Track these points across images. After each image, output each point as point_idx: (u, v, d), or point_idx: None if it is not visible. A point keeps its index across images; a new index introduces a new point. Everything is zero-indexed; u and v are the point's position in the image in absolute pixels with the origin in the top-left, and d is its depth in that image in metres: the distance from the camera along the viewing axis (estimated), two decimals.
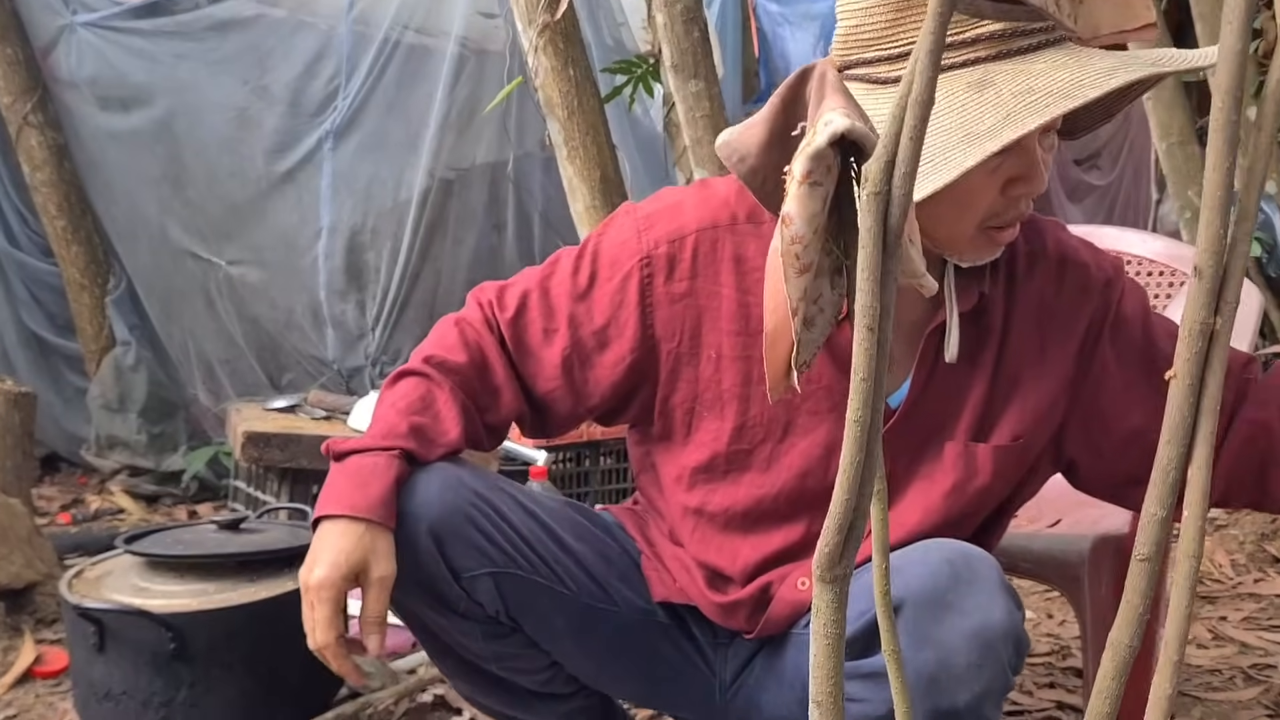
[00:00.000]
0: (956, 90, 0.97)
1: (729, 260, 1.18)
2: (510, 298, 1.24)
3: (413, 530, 1.16)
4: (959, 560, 1.06)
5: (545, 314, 1.22)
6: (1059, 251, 1.23)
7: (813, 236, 0.70)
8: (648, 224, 1.20)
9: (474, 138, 3.64)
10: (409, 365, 1.22)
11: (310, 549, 1.13)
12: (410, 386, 1.20)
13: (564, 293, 1.22)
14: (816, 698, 0.69)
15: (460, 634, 1.25)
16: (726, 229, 1.19)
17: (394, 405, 1.18)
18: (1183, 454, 0.60)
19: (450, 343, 1.23)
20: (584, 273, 1.22)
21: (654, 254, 1.19)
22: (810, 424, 1.19)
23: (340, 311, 3.50)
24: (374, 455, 1.14)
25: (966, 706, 1.05)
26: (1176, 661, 0.62)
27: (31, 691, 1.95)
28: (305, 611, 1.14)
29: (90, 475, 3.66)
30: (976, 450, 1.19)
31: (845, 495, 0.65)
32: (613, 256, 1.21)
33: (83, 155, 3.62)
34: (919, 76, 0.59)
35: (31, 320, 3.74)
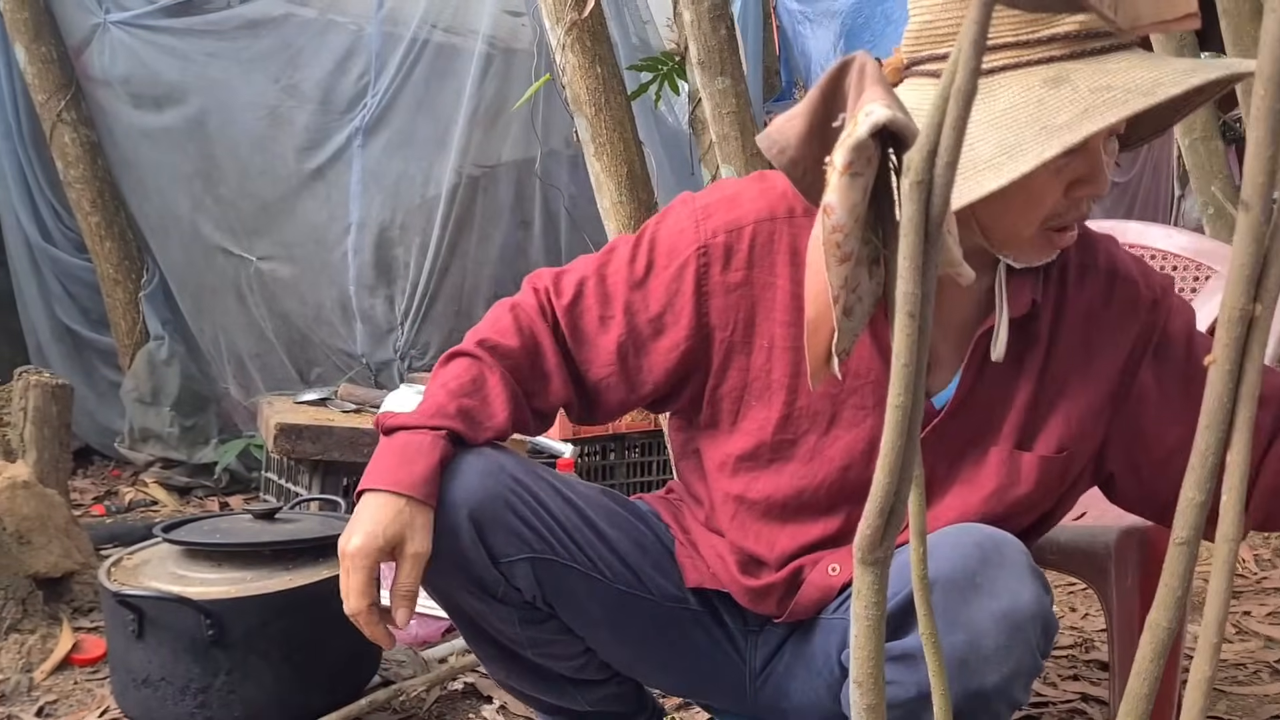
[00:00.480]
0: (1032, 85, 0.98)
1: (785, 251, 1.19)
2: (567, 284, 1.25)
3: (454, 515, 1.18)
4: (988, 544, 1.07)
5: (601, 301, 1.23)
6: (1110, 265, 1.23)
7: (853, 226, 0.71)
8: (705, 214, 1.21)
9: (501, 135, 3.67)
10: (462, 347, 1.24)
11: (352, 518, 1.15)
12: (462, 368, 1.21)
13: (621, 280, 1.23)
14: (857, 678, 0.70)
15: (497, 619, 1.27)
16: (784, 220, 1.20)
17: (445, 386, 1.20)
18: (1221, 439, 0.61)
19: (504, 327, 1.24)
20: (641, 260, 1.23)
21: (711, 243, 1.20)
22: (855, 418, 1.20)
23: (369, 306, 3.53)
24: (421, 434, 1.16)
25: (995, 688, 1.06)
26: (1215, 644, 0.62)
27: (70, 678, 1.98)
28: (342, 578, 1.17)
29: (123, 468, 3.71)
30: (1021, 458, 1.20)
31: (886, 479, 0.66)
32: (670, 245, 1.22)
33: (116, 152, 3.67)
34: (962, 67, 0.60)
35: (66, 315, 3.79)
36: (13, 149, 3.70)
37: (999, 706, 1.09)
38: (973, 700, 1.06)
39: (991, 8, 0.61)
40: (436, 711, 1.85)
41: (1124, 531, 1.55)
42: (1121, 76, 0.95)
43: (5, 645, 1.99)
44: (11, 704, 1.87)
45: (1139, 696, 0.66)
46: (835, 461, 1.20)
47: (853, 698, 0.70)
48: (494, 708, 1.87)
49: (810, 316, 0.74)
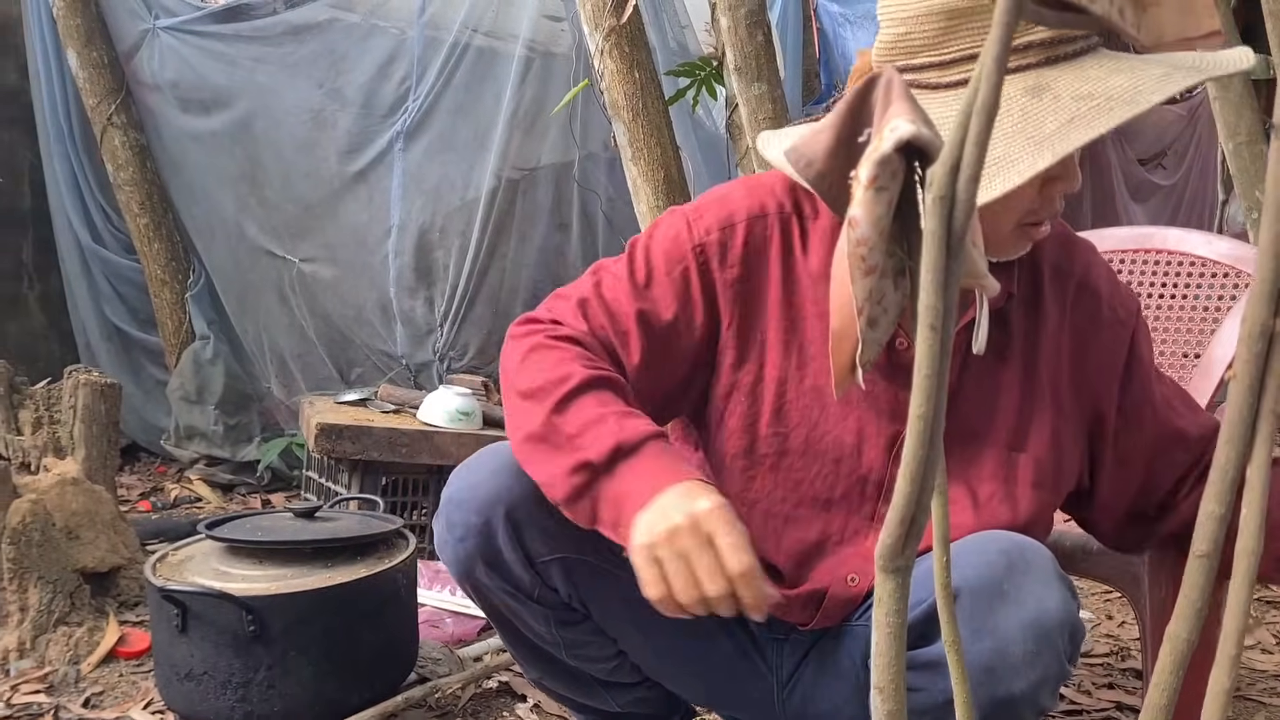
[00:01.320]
0: (1014, 95, 0.99)
1: (777, 247, 1.21)
2: (566, 312, 1.21)
3: (491, 514, 1.19)
4: (1014, 551, 1.08)
5: (611, 319, 1.21)
6: (1084, 275, 1.26)
7: (878, 239, 0.72)
8: (696, 214, 1.22)
9: (540, 138, 3.69)
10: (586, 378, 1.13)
11: (646, 517, 1.04)
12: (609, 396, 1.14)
13: (624, 294, 1.21)
14: (878, 684, 0.71)
15: (533, 620, 1.29)
16: (775, 217, 1.22)
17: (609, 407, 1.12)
18: (1242, 454, 0.61)
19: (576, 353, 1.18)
20: (640, 271, 1.22)
21: (706, 241, 1.21)
22: (841, 412, 1.21)
23: (409, 308, 3.57)
24: (650, 449, 1.08)
25: (1023, 695, 1.06)
26: (1234, 656, 0.63)
27: (115, 671, 2.02)
28: (696, 552, 1.01)
29: (169, 464, 3.78)
30: (1017, 460, 1.21)
31: (908, 487, 0.67)
32: (666, 250, 1.22)
33: (164, 155, 3.74)
34: (984, 83, 0.61)
35: (114, 315, 3.87)
36: (65, 152, 3.79)
37: (1026, 714, 1.09)
38: (1000, 708, 1.07)
39: (1015, 25, 0.62)
40: (471, 709, 1.88)
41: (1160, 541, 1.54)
42: (1102, 84, 0.96)
43: (53, 637, 2.04)
44: (59, 694, 1.92)
45: (1157, 708, 0.66)
46: (827, 455, 1.21)
47: (874, 704, 0.71)
48: (528, 706, 1.89)
49: (835, 327, 0.76)
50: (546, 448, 1.11)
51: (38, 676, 1.96)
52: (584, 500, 1.09)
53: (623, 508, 1.06)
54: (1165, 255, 1.89)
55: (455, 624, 2.20)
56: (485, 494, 1.20)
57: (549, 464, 1.11)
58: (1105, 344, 1.25)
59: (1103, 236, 1.98)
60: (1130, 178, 5.33)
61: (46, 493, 2.12)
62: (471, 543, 1.22)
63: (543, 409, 1.11)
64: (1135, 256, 1.92)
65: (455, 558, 1.25)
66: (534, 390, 1.13)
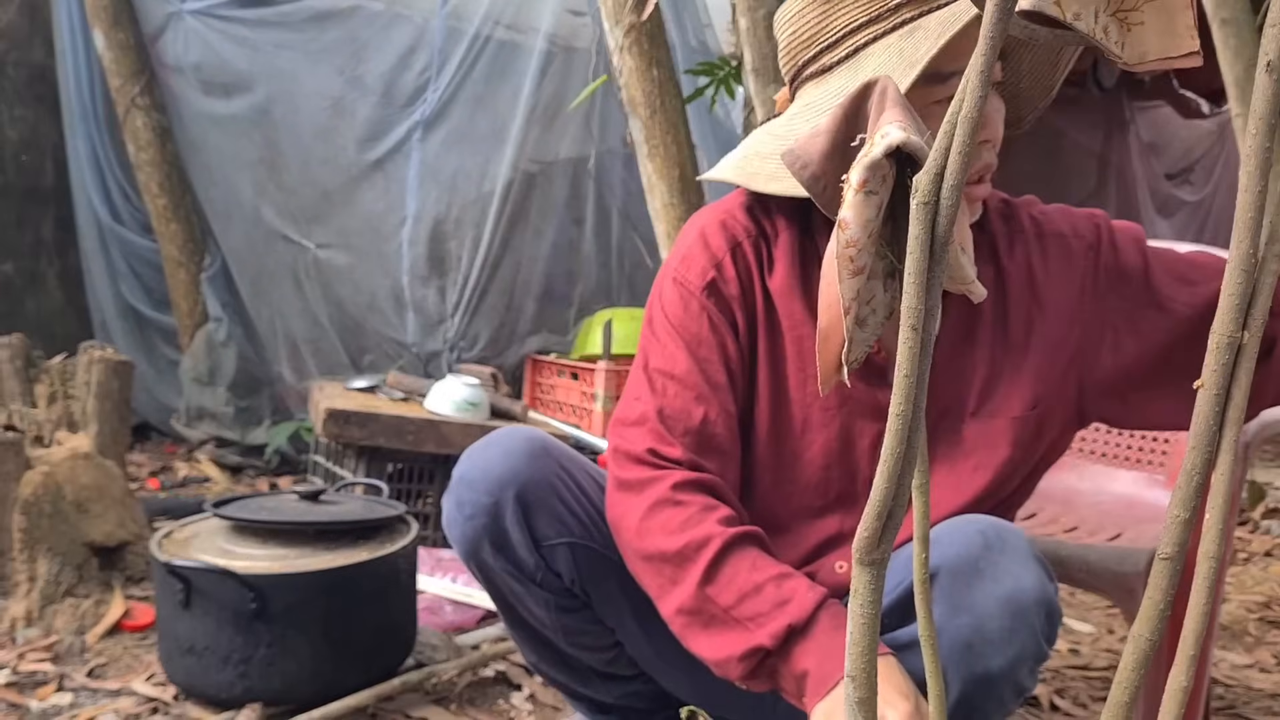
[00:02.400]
0: (891, 43, 1.07)
1: (754, 271, 1.24)
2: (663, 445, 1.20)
3: (501, 494, 1.22)
4: (990, 531, 1.10)
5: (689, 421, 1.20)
6: (1036, 226, 1.26)
7: (867, 241, 0.74)
8: (684, 265, 1.24)
9: (558, 133, 3.71)
10: (726, 540, 1.13)
11: (824, 706, 1.05)
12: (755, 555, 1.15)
13: (683, 388, 1.21)
14: (851, 672, 0.73)
15: (534, 603, 1.31)
16: (747, 243, 1.24)
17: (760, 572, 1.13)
18: (1207, 460, 0.63)
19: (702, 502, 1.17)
20: (678, 352, 1.22)
21: (705, 283, 1.23)
22: (824, 419, 1.23)
23: (422, 297, 3.59)
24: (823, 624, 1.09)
25: (1001, 672, 1.08)
26: (1193, 656, 0.65)
27: (120, 643, 2.06)
28: None
29: (178, 444, 3.83)
30: (993, 424, 1.22)
31: (885, 484, 0.69)
32: (683, 312, 1.23)
33: (185, 137, 3.78)
34: (969, 95, 0.63)
35: (130, 293, 3.91)
36: (88, 131, 3.83)
37: (1005, 691, 1.11)
38: (979, 684, 1.09)
39: (1001, 41, 0.64)
40: (467, 696, 1.91)
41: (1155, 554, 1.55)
42: (963, 7, 1.02)
43: (60, 608, 2.08)
44: (64, 664, 1.96)
45: (1119, 704, 0.68)
46: (816, 463, 1.24)
47: (846, 692, 0.74)
48: (523, 695, 1.92)
49: (822, 325, 0.78)
50: (703, 622, 1.12)
51: (44, 645, 2.00)
52: (760, 678, 1.11)
53: (803, 686, 1.08)
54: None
55: (454, 612, 2.23)
56: (497, 475, 1.22)
57: (715, 644, 1.12)
58: (1082, 269, 1.24)
59: None
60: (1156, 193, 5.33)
61: (58, 466, 2.16)
62: (480, 522, 1.25)
63: (690, 578, 1.12)
64: None
65: (463, 535, 1.28)
66: (673, 555, 1.13)
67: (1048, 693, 2.00)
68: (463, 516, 1.26)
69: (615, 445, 1.23)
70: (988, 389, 1.22)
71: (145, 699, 1.84)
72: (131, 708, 1.81)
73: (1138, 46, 0.65)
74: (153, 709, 1.81)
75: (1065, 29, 0.66)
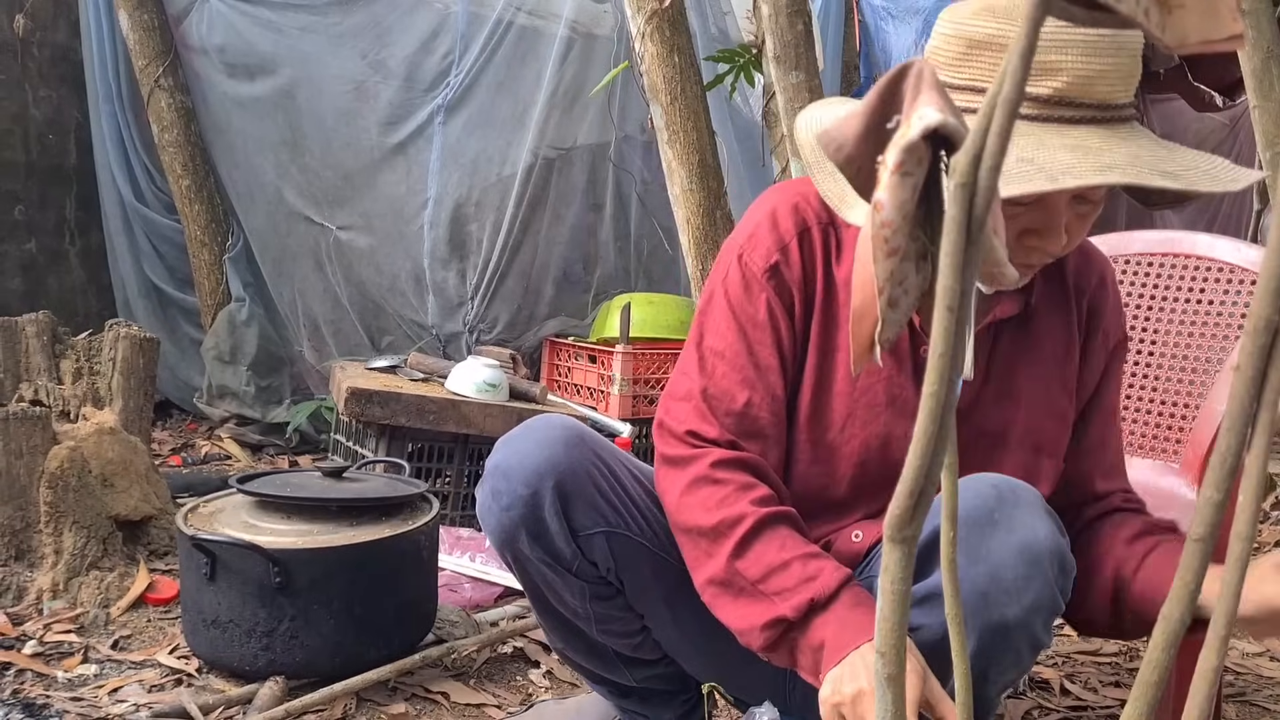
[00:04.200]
0: (1034, 131, 1.01)
1: (820, 259, 1.24)
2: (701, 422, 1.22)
3: (540, 485, 1.22)
4: (1004, 486, 1.12)
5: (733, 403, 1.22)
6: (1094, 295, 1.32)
7: (901, 222, 0.75)
8: (750, 244, 1.25)
9: (578, 118, 3.71)
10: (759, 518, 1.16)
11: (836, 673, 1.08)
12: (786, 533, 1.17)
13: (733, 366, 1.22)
14: (881, 649, 0.74)
15: (567, 592, 1.32)
16: (816, 229, 1.25)
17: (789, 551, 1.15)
18: (1241, 441, 0.64)
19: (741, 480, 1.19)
20: (731, 331, 1.23)
21: (769, 266, 1.23)
22: (868, 415, 1.24)
23: (442, 279, 3.61)
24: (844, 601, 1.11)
25: (1016, 620, 1.09)
26: (1224, 637, 0.65)
27: (144, 616, 2.09)
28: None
29: (200, 422, 3.86)
30: (1040, 464, 1.26)
31: (918, 461, 0.70)
32: (742, 292, 1.23)
33: (209, 119, 3.80)
34: (1009, 77, 0.64)
35: (153, 273, 3.94)
36: (112, 111, 3.86)
37: (1020, 641, 1.12)
38: (994, 634, 1.10)
39: (1042, 19, 0.64)
40: (486, 672, 1.93)
41: None
42: (1049, 154, 0.98)
43: (85, 581, 2.10)
44: (89, 635, 1.98)
45: (1148, 684, 0.69)
46: (854, 458, 1.25)
47: (876, 667, 0.74)
48: (541, 672, 1.94)
49: (855, 305, 0.79)
50: (732, 594, 1.16)
51: (69, 617, 2.02)
52: (781, 650, 1.14)
53: (820, 658, 1.10)
54: (1194, 260, 1.90)
55: (473, 589, 2.25)
56: (534, 464, 1.22)
57: (740, 614, 1.15)
58: (1091, 366, 1.31)
59: (1130, 240, 1.99)
60: None
61: (84, 441, 2.18)
62: (517, 512, 1.24)
63: (722, 552, 1.15)
64: (1163, 260, 1.92)
65: (499, 526, 1.26)
66: (708, 530, 1.16)
67: (1058, 677, 2.01)
68: (499, 507, 1.25)
69: (661, 419, 1.25)
70: (1041, 424, 1.26)
71: (169, 671, 1.86)
72: (156, 679, 1.83)
73: (1178, 29, 0.65)
74: (177, 680, 1.84)
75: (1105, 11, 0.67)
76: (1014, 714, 1.84)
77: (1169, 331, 1.89)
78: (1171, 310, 1.89)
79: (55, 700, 1.71)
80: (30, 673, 1.82)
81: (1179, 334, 1.88)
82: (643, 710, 1.52)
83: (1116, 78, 1.02)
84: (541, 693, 1.86)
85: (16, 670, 1.83)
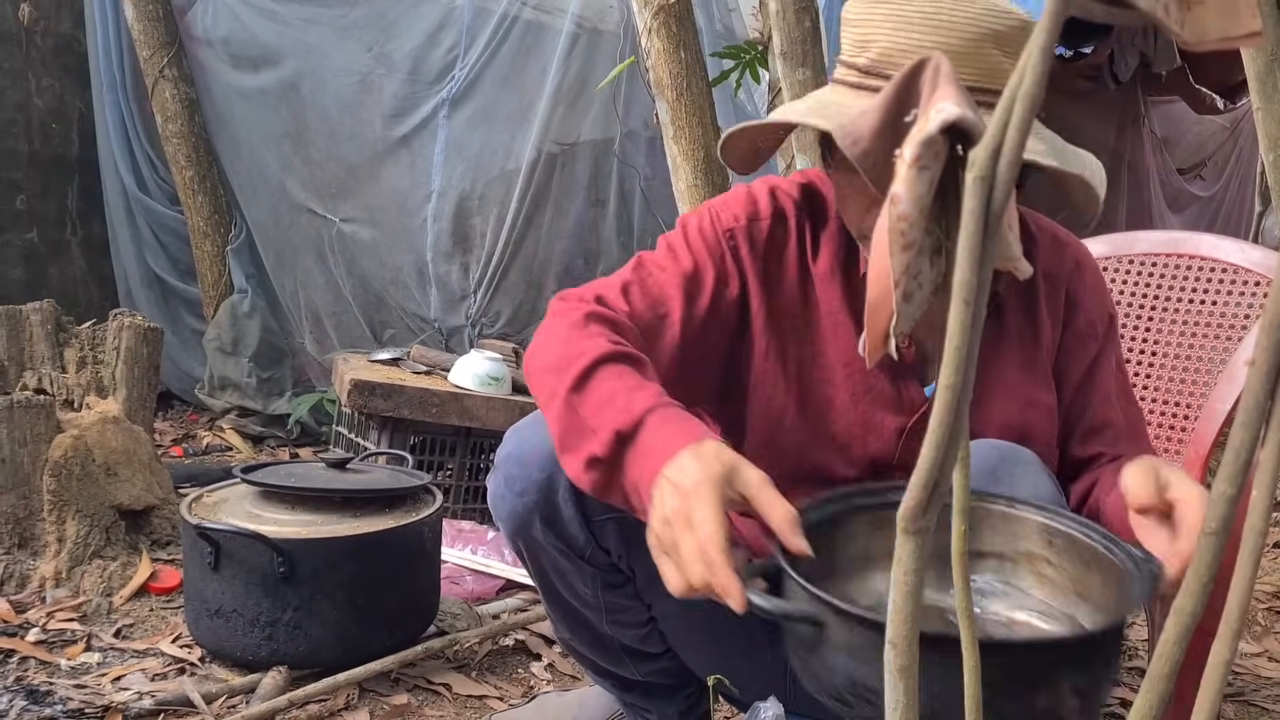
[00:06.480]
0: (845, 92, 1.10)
1: (794, 248, 1.25)
2: (610, 294, 1.20)
3: (554, 469, 1.19)
4: (1004, 446, 1.14)
5: (653, 302, 1.21)
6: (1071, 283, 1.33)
7: (918, 216, 0.75)
8: (723, 205, 1.27)
9: (582, 113, 3.71)
10: (601, 354, 1.07)
11: (651, 511, 0.96)
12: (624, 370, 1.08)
13: (666, 278, 1.22)
14: (892, 639, 0.74)
15: (579, 580, 1.31)
16: (794, 219, 1.26)
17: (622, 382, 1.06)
18: (1255, 437, 0.64)
19: (601, 330, 1.15)
20: (683, 257, 1.23)
21: (735, 227, 1.25)
22: (849, 404, 1.25)
23: (445, 273, 3.61)
24: (647, 428, 1.00)
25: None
26: (1236, 630, 0.66)
27: (146, 605, 2.09)
28: (680, 541, 0.93)
29: (201, 413, 3.86)
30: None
31: (933, 453, 0.70)
32: (702, 237, 1.25)
33: (212, 110, 3.80)
34: (1029, 71, 0.64)
35: (156, 263, 3.94)
36: (116, 101, 3.85)
37: None
38: None
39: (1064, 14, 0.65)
40: (488, 664, 1.93)
41: None
42: (835, 109, 1.05)
43: (88, 569, 2.11)
44: (92, 624, 1.99)
45: (1160, 676, 0.69)
46: (835, 442, 1.25)
47: (887, 658, 0.75)
48: (542, 664, 1.94)
49: (871, 298, 0.79)
50: (573, 437, 1.04)
51: (72, 605, 2.03)
52: (615, 497, 1.03)
53: (642, 498, 0.98)
54: (1197, 261, 1.90)
55: (475, 582, 2.26)
56: (548, 450, 1.17)
57: (573, 459, 1.04)
58: (1075, 354, 1.31)
59: (1135, 240, 1.99)
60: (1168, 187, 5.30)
61: (88, 429, 2.18)
62: (531, 499, 1.23)
63: (562, 387, 1.05)
64: (1167, 261, 1.93)
65: (512, 512, 1.25)
66: (553, 365, 1.08)
67: None
68: (513, 493, 1.24)
69: (565, 292, 1.22)
70: (1017, 413, 1.26)
71: (172, 659, 1.87)
72: (159, 668, 1.84)
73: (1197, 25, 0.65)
74: (179, 669, 1.84)
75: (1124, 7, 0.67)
76: None
77: (1171, 332, 1.90)
78: (1174, 310, 1.90)
79: (59, 688, 1.72)
80: (33, 660, 1.83)
81: (1182, 334, 1.89)
82: (645, 704, 1.53)
83: (925, 53, 1.01)
84: (543, 685, 1.87)
85: (20, 658, 1.83)
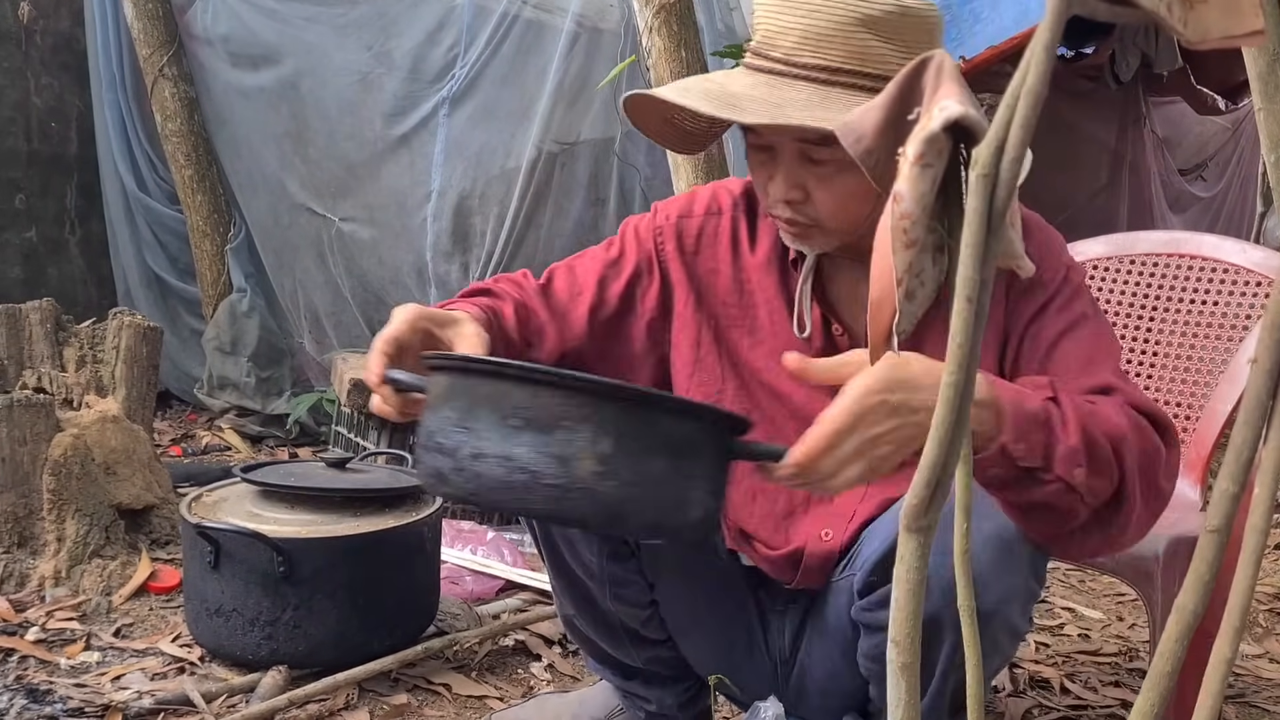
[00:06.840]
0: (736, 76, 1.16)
1: (727, 240, 1.32)
2: (543, 275, 1.36)
3: None
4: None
5: (572, 281, 1.33)
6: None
7: (920, 214, 0.75)
8: (666, 205, 1.37)
9: (582, 112, 3.71)
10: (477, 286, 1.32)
11: None
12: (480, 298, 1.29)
13: (592, 265, 1.34)
14: (895, 637, 0.74)
15: (587, 550, 1.34)
16: (728, 213, 1.33)
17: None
18: (1257, 435, 0.64)
19: (501, 288, 1.33)
20: (615, 249, 1.36)
21: (664, 225, 1.34)
22: (789, 388, 1.27)
23: (444, 272, 3.61)
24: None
25: (991, 610, 1.08)
26: (1238, 628, 0.66)
27: (146, 604, 2.08)
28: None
29: (200, 413, 3.86)
30: None
31: (936, 451, 0.70)
32: (636, 233, 1.36)
33: (212, 109, 3.79)
34: (1033, 69, 0.64)
35: (155, 262, 3.94)
36: (115, 100, 3.85)
37: (998, 631, 1.11)
38: None
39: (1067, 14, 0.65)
40: (487, 664, 1.93)
41: (1173, 540, 1.56)
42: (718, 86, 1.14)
43: (88, 568, 2.10)
44: (91, 623, 1.98)
45: (1161, 675, 0.69)
46: (792, 435, 1.25)
47: (890, 656, 0.75)
48: (542, 665, 1.94)
49: (874, 296, 0.79)
50: None
51: (72, 604, 2.02)
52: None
53: None
54: (1198, 261, 1.90)
55: (475, 582, 2.25)
56: None
57: None
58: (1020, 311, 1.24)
59: (1136, 240, 1.99)
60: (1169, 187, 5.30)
61: (87, 429, 2.18)
62: None
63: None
64: (1168, 261, 1.93)
65: None
66: None
67: (1059, 676, 2.01)
68: None
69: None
70: None
71: (172, 659, 1.86)
72: (158, 667, 1.83)
73: (1200, 24, 0.65)
74: (179, 669, 1.84)
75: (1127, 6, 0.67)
76: (1014, 713, 1.85)
77: (1172, 332, 1.90)
78: (1175, 311, 1.90)
79: (58, 687, 1.71)
80: (33, 659, 1.82)
81: (1183, 335, 1.89)
82: (645, 693, 1.53)
83: (800, 36, 1.07)
84: (543, 685, 1.87)
85: (20, 657, 1.83)
